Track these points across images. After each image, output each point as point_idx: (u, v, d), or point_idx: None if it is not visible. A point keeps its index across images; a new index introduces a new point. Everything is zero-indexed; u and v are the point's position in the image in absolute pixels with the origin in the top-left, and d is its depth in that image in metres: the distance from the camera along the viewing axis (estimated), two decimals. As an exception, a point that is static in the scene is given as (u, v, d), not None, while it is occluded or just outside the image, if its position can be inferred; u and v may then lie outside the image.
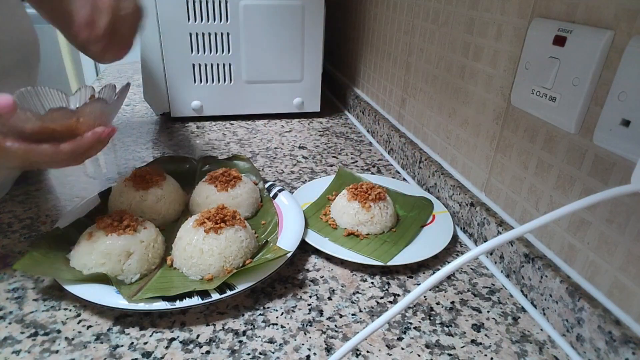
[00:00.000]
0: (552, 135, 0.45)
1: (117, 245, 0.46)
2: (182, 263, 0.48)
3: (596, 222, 0.40)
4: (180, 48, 0.89)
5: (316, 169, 0.78)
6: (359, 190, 0.59)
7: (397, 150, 0.81)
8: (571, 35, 0.41)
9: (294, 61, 0.96)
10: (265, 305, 0.47)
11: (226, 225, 0.48)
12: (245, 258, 0.49)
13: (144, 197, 0.57)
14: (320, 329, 0.44)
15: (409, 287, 0.50)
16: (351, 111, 1.08)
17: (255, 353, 0.41)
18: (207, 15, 0.87)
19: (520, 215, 0.51)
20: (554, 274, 0.44)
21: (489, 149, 0.56)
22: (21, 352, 0.40)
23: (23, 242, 0.55)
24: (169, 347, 0.41)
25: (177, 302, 0.43)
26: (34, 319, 0.43)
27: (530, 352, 0.42)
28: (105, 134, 0.45)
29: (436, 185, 0.67)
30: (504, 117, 0.53)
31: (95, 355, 0.40)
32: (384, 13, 0.88)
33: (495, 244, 0.29)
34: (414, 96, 0.77)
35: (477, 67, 0.57)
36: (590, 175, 0.41)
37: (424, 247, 0.54)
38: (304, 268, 0.53)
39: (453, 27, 0.63)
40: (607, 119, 0.38)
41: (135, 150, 0.82)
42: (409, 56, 0.78)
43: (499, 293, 0.50)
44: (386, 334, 0.43)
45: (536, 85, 0.46)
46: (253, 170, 0.70)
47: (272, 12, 0.90)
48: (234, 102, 0.97)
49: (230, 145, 0.86)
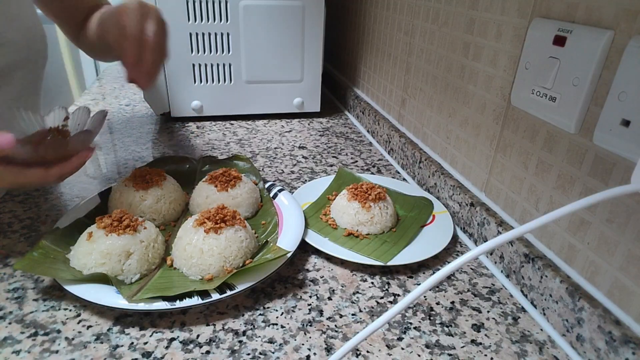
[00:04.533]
0: (552, 135, 0.45)
1: (117, 245, 0.46)
2: (182, 263, 0.48)
3: (596, 222, 0.40)
4: (180, 48, 0.89)
5: (316, 169, 0.78)
6: (359, 190, 0.59)
7: (397, 150, 0.81)
8: (571, 35, 0.41)
9: (294, 61, 0.96)
10: (265, 305, 0.47)
11: (226, 225, 0.48)
12: (245, 258, 0.49)
13: (144, 197, 0.57)
14: (320, 329, 0.44)
15: (409, 287, 0.50)
16: (351, 111, 1.08)
17: (255, 353, 0.41)
18: (207, 15, 0.87)
19: (520, 215, 0.51)
20: (554, 274, 0.44)
21: (489, 149, 0.56)
22: (21, 352, 0.40)
23: (23, 242, 0.55)
24: (169, 347, 0.41)
25: (177, 302, 0.43)
26: (34, 319, 0.43)
27: (530, 352, 0.42)
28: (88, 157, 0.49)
29: (436, 185, 0.67)
30: (504, 117, 0.53)
31: (95, 355, 0.40)
32: (384, 13, 0.88)
33: (495, 244, 0.29)
34: (414, 96, 0.77)
35: (477, 67, 0.57)
36: (590, 175, 0.41)
37: (424, 247, 0.54)
38: (304, 268, 0.53)
39: (453, 27, 0.63)
40: (607, 119, 0.38)
41: (135, 150, 0.82)
42: (409, 56, 0.78)
43: (499, 293, 0.50)
44: (386, 334, 0.43)
45: (536, 85, 0.46)
46: (253, 170, 0.70)
47: (272, 12, 0.90)
48: (234, 102, 0.97)
49: (230, 145, 0.86)
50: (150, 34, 0.55)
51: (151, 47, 0.55)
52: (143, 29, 0.54)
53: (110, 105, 1.05)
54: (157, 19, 0.56)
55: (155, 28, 0.55)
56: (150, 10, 0.56)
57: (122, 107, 1.04)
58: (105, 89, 1.19)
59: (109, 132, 0.90)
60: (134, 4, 0.55)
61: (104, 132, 0.90)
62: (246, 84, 0.96)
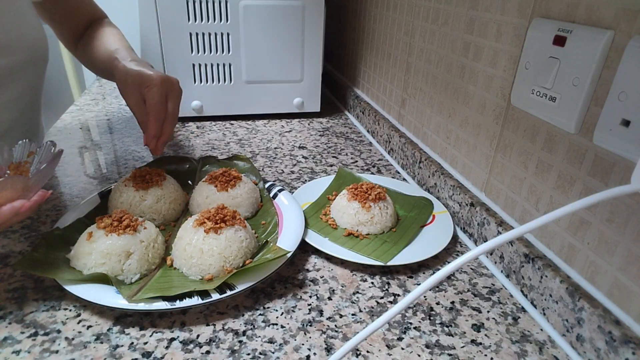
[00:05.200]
0: (552, 135, 0.45)
1: (117, 245, 0.46)
2: (182, 263, 0.48)
3: (596, 222, 0.40)
4: (180, 48, 0.89)
5: (316, 169, 0.78)
6: (359, 190, 0.59)
7: (397, 150, 0.81)
8: (571, 35, 0.41)
9: (294, 61, 0.96)
10: (265, 305, 0.47)
11: (226, 225, 0.48)
12: (245, 258, 0.49)
13: (144, 197, 0.57)
14: (320, 329, 0.44)
15: (409, 287, 0.50)
16: (351, 111, 1.08)
17: (255, 353, 0.41)
18: (207, 15, 0.87)
19: (520, 215, 0.51)
20: (554, 274, 0.44)
21: (489, 149, 0.56)
22: (21, 352, 0.40)
23: (23, 242, 0.55)
24: (169, 347, 0.41)
25: (177, 302, 0.43)
26: (34, 319, 0.43)
27: (530, 352, 0.42)
28: (25, 207, 0.41)
29: (436, 185, 0.67)
30: (504, 117, 0.53)
31: (95, 355, 0.40)
32: (384, 13, 0.88)
33: (495, 244, 0.29)
34: (414, 96, 0.77)
35: (477, 67, 0.57)
36: (590, 175, 0.41)
37: (424, 247, 0.54)
38: (304, 268, 0.53)
39: (453, 27, 0.63)
40: (607, 119, 0.38)
41: (135, 150, 0.82)
42: (409, 56, 0.78)
43: (499, 293, 0.50)
44: (386, 334, 0.43)
45: (536, 85, 0.46)
46: (253, 170, 0.70)
47: (272, 12, 0.90)
48: (234, 102, 0.97)
49: (230, 145, 0.86)
50: (171, 110, 0.62)
51: (170, 122, 0.62)
52: (166, 108, 0.62)
53: (110, 105, 1.05)
54: (177, 95, 0.64)
55: (174, 105, 0.63)
56: (172, 87, 0.63)
57: (122, 107, 1.04)
58: (105, 89, 1.19)
59: (109, 132, 0.90)
60: (158, 79, 0.61)
61: (104, 132, 0.90)
62: (246, 84, 0.96)
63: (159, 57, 0.89)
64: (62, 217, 0.55)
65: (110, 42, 0.74)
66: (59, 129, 0.91)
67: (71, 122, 0.95)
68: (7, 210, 0.40)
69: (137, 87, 0.61)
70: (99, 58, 0.74)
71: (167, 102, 0.62)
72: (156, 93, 0.60)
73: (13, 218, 0.41)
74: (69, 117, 0.97)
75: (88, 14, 0.81)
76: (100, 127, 0.93)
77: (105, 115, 0.99)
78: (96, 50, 0.75)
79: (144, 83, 0.60)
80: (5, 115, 0.64)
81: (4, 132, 0.64)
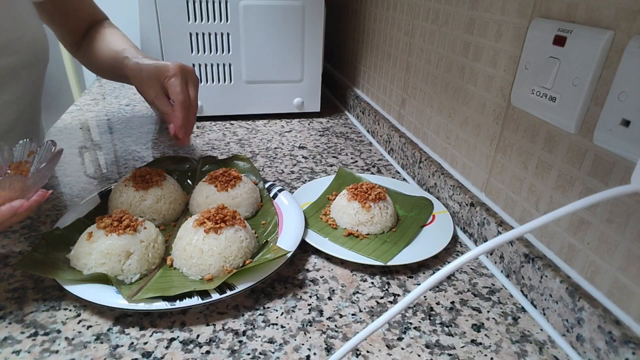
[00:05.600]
0: (552, 135, 0.45)
1: (117, 245, 0.46)
2: (182, 263, 0.48)
3: (596, 222, 0.40)
4: (180, 48, 0.89)
5: (316, 169, 0.78)
6: (359, 190, 0.59)
7: (397, 150, 0.81)
8: (571, 35, 0.41)
9: (294, 61, 0.96)
10: (265, 305, 0.47)
11: (226, 225, 0.48)
12: (245, 258, 0.49)
13: (144, 197, 0.57)
14: (320, 329, 0.44)
15: (409, 287, 0.50)
16: (351, 111, 1.08)
17: (255, 353, 0.41)
18: (207, 15, 0.87)
19: (520, 215, 0.51)
20: (554, 274, 0.44)
21: (489, 149, 0.56)
22: (21, 352, 0.40)
23: (23, 242, 0.55)
24: (169, 347, 0.41)
25: (177, 302, 0.43)
26: (34, 319, 0.43)
27: (530, 352, 0.42)
28: (24, 207, 0.41)
29: (436, 185, 0.67)
30: (504, 117, 0.53)
31: (95, 355, 0.40)
32: (384, 13, 0.88)
33: (495, 244, 0.29)
34: (414, 96, 0.77)
35: (477, 67, 0.57)
36: (590, 175, 0.41)
37: (424, 247, 0.54)
38: (304, 268, 0.53)
39: (453, 27, 0.63)
40: (607, 119, 0.38)
41: (135, 150, 0.82)
42: (409, 56, 0.78)
43: (499, 293, 0.50)
44: (386, 334, 0.43)
45: (536, 85, 0.46)
46: (253, 170, 0.70)
47: (272, 12, 0.90)
48: (234, 102, 0.97)
49: (230, 145, 0.86)
50: (193, 97, 0.62)
51: (194, 110, 0.62)
52: (189, 95, 0.61)
53: (110, 105, 1.05)
54: (196, 82, 0.63)
55: (195, 93, 0.62)
56: (191, 75, 0.63)
57: (122, 107, 1.04)
58: (105, 89, 1.19)
59: (109, 132, 0.90)
60: (176, 68, 0.61)
61: (104, 132, 0.90)
62: (246, 84, 0.96)
63: (159, 57, 0.89)
64: (62, 217, 0.55)
65: (115, 42, 0.74)
66: (59, 129, 0.91)
67: (71, 122, 0.95)
68: (6, 210, 0.40)
69: (156, 79, 0.61)
70: (104, 59, 0.74)
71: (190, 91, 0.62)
72: (177, 81, 0.60)
73: (12, 218, 0.41)
74: (69, 117, 0.97)
75: (89, 15, 0.81)
76: (100, 127, 0.93)
77: (105, 115, 0.99)
78: (101, 51, 0.74)
79: (162, 74, 0.60)
80: (5, 115, 0.64)
81: (5, 132, 0.64)
